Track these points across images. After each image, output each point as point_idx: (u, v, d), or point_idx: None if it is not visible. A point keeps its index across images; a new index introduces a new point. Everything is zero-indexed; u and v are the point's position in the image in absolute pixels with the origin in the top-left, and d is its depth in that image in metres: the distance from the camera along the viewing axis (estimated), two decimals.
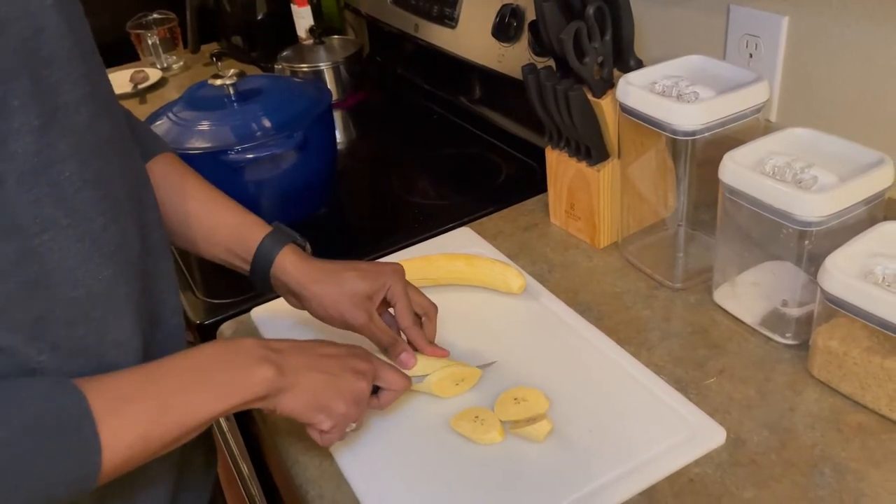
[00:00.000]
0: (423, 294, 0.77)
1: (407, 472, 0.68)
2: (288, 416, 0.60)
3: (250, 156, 1.00)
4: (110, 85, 0.57)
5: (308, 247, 0.76)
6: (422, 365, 0.73)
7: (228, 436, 1.23)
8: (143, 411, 0.49)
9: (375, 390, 0.67)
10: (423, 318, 0.76)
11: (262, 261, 0.72)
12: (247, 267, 0.73)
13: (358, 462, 0.69)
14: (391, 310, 0.76)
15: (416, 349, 0.74)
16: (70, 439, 0.46)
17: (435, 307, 0.77)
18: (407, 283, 0.75)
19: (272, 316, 0.88)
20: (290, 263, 0.72)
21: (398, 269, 0.75)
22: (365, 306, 0.72)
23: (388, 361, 0.69)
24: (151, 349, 0.57)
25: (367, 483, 0.67)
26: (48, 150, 0.48)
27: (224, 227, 0.73)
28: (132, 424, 0.49)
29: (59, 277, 0.49)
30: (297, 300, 0.74)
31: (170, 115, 1.06)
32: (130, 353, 0.54)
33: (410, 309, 0.74)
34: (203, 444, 0.71)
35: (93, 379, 0.49)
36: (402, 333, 0.75)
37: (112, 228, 0.52)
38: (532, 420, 0.69)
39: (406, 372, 0.71)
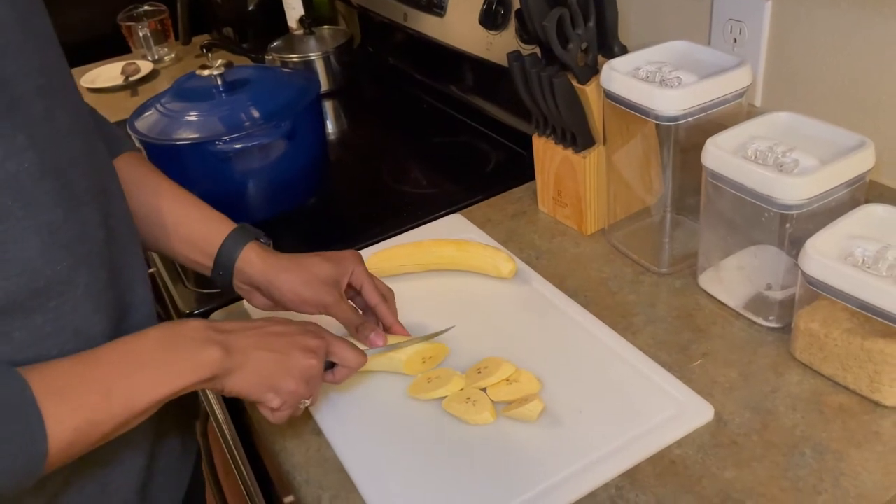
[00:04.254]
0: (380, 280, 0.80)
1: (400, 454, 0.69)
2: (237, 396, 0.60)
3: (238, 146, 1.00)
4: (71, 78, 0.57)
5: (271, 245, 0.77)
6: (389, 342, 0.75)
7: (224, 424, 1.23)
8: (87, 395, 0.49)
9: (332, 366, 0.68)
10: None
11: (227, 255, 0.73)
12: (209, 263, 0.73)
13: (350, 444, 0.70)
14: (352, 292, 0.78)
15: (385, 326, 0.77)
16: (14, 427, 0.46)
17: (392, 291, 0.80)
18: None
19: None
20: (256, 256, 0.73)
21: (357, 255, 0.78)
22: (335, 287, 0.73)
23: (343, 338, 0.70)
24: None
25: (360, 464, 0.68)
26: (4, 142, 0.48)
27: (189, 223, 0.73)
28: (77, 409, 0.48)
29: (17, 267, 0.49)
30: (264, 292, 0.74)
31: (158, 106, 1.07)
32: (91, 342, 0.54)
33: (377, 289, 0.77)
34: (179, 427, 0.71)
35: (36, 366, 0.49)
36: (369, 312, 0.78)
37: (71, 219, 0.52)
38: (524, 401, 0.70)
39: (371, 345, 0.73)
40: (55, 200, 0.51)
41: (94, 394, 0.50)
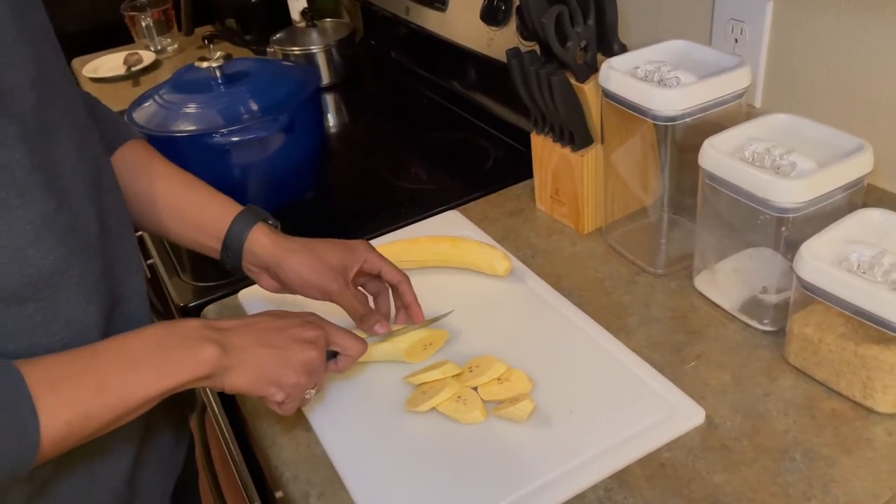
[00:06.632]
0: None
1: (389, 452, 0.68)
2: (239, 392, 0.61)
3: (236, 139, 1.00)
4: (65, 70, 0.57)
5: (279, 227, 0.77)
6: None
7: (220, 417, 1.24)
8: (81, 389, 0.50)
9: (334, 355, 0.69)
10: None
11: (236, 236, 0.73)
12: (217, 245, 0.73)
13: (340, 441, 0.70)
14: (364, 278, 0.79)
15: (405, 303, 0.77)
16: (6, 418, 0.46)
17: (407, 275, 0.79)
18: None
19: (259, 297, 0.88)
20: (265, 236, 0.73)
21: (368, 244, 0.78)
22: (342, 274, 0.73)
23: (342, 327, 0.70)
24: (112, 329, 0.57)
25: (348, 461, 0.68)
26: None
27: (196, 206, 0.74)
28: (71, 402, 0.49)
29: (8, 256, 0.50)
30: (272, 274, 0.74)
31: (156, 97, 1.06)
32: (82, 332, 0.55)
33: (396, 267, 0.77)
34: (171, 419, 0.71)
35: (31, 360, 0.49)
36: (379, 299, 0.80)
37: (64, 211, 0.53)
38: (515, 400, 0.70)
39: (374, 333, 0.73)
40: (47, 193, 0.52)
41: (88, 388, 0.50)
